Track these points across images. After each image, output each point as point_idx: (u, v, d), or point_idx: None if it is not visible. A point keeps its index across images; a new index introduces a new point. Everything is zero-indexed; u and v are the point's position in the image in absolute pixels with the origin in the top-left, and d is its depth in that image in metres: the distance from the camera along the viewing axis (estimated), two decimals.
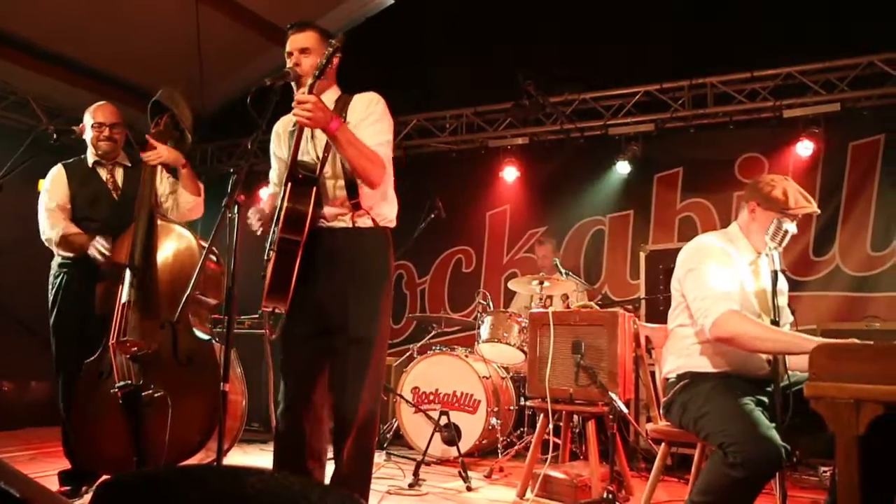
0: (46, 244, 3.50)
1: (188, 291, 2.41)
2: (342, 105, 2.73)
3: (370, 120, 2.69)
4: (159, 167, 3.50)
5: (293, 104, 2.48)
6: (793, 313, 2.89)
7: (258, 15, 6.58)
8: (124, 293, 3.23)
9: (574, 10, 6.21)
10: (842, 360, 1.85)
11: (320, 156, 2.67)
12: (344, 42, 2.54)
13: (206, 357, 3.14)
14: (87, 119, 3.59)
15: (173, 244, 3.34)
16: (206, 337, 3.25)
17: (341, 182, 2.66)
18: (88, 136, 3.58)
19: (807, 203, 2.68)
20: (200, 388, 3.08)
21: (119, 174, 3.63)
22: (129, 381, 3.08)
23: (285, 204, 2.55)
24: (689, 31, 5.94)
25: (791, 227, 2.52)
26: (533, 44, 6.36)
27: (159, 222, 3.38)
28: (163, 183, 3.62)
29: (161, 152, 3.43)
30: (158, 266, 3.30)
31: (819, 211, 2.74)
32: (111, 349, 3.19)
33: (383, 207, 2.74)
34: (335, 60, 2.67)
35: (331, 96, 2.74)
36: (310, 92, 2.53)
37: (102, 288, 3.34)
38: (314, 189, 2.59)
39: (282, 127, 2.90)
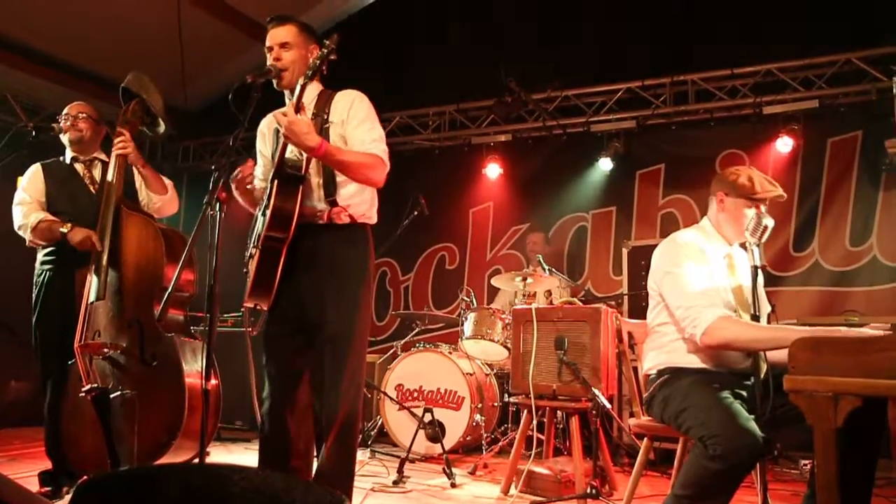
0: (20, 232, 3.43)
1: (170, 290, 2.40)
2: (325, 101, 2.72)
3: (358, 118, 2.67)
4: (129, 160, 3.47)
5: (276, 113, 2.47)
6: (773, 307, 2.92)
7: (240, 12, 6.54)
8: (92, 292, 3.21)
9: (556, 6, 6.23)
10: (820, 353, 1.87)
11: (304, 153, 2.65)
12: (339, 42, 2.52)
13: (169, 354, 3.11)
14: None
15: (137, 237, 3.28)
16: (179, 324, 3.22)
17: (320, 180, 2.65)
18: (62, 133, 3.55)
19: (772, 187, 2.71)
20: (164, 386, 3.05)
21: (97, 170, 3.59)
22: (95, 385, 3.05)
23: (272, 202, 2.52)
24: (669, 29, 5.98)
25: (769, 222, 2.54)
26: (515, 41, 6.37)
27: (125, 214, 3.32)
28: (138, 177, 3.59)
29: (127, 142, 3.36)
30: (124, 261, 3.26)
31: (785, 195, 2.77)
32: (76, 352, 3.16)
33: (361, 204, 2.72)
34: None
35: (313, 91, 2.72)
36: (301, 92, 2.53)
37: (81, 279, 3.30)
38: (301, 187, 2.57)
39: (266, 125, 2.88)
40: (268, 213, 2.53)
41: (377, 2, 7.06)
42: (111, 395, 3.03)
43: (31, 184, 3.50)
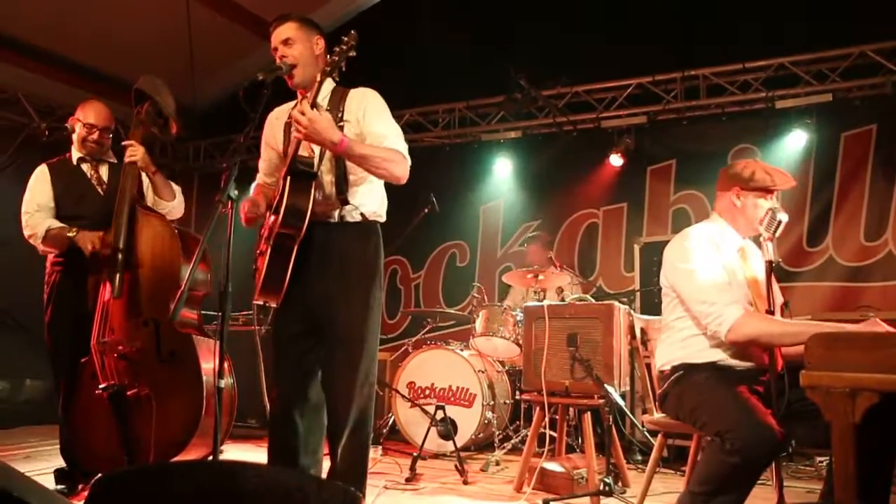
0: (30, 241, 3.46)
1: (183, 289, 2.40)
2: (338, 98, 2.71)
3: (375, 114, 2.67)
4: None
5: (293, 112, 2.47)
6: (787, 303, 2.90)
7: (249, 11, 6.55)
8: (107, 290, 3.22)
9: (566, 2, 6.20)
10: (837, 348, 1.86)
11: (316, 150, 2.65)
12: (357, 40, 2.51)
13: (187, 353, 3.12)
14: (80, 114, 3.56)
15: (153, 237, 3.30)
16: (193, 324, 3.24)
17: (332, 178, 2.65)
18: (77, 130, 3.54)
19: (786, 177, 2.72)
20: (182, 385, 3.06)
21: (104, 170, 3.60)
22: (113, 383, 3.07)
23: (285, 199, 2.52)
24: (680, 23, 5.94)
25: (783, 217, 2.52)
26: (525, 37, 6.35)
27: (140, 214, 3.33)
28: (146, 179, 3.60)
29: (137, 151, 3.38)
30: (140, 261, 3.27)
31: (795, 182, 2.76)
32: (93, 350, 3.18)
33: (372, 202, 2.72)
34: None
35: (326, 88, 2.72)
36: (318, 89, 2.53)
37: (93, 282, 3.32)
38: (314, 183, 2.57)
39: (276, 116, 2.88)
40: (280, 210, 2.52)
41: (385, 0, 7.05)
42: (127, 393, 3.04)
43: (38, 189, 3.49)
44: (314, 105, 2.53)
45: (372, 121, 2.64)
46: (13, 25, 5.95)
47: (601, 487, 3.35)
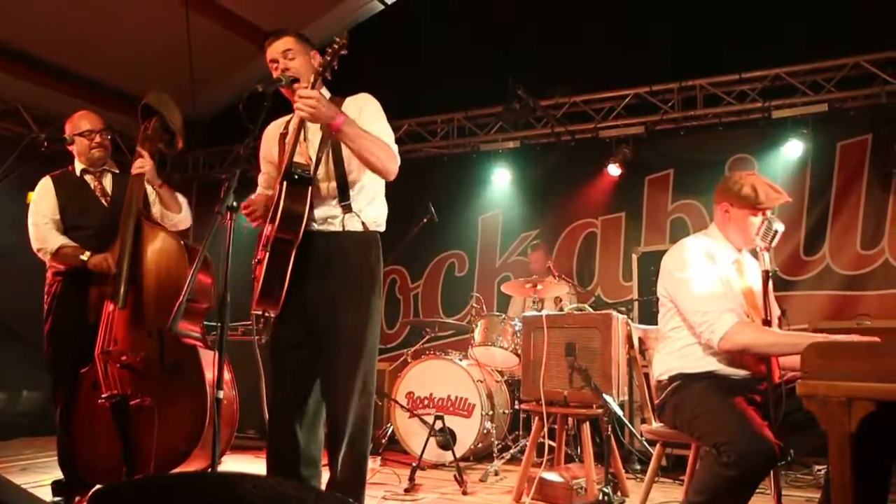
0: (38, 255, 3.47)
1: (181, 299, 2.40)
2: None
3: (371, 117, 2.68)
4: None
5: (295, 98, 2.48)
6: (784, 312, 2.91)
7: (248, 21, 6.58)
8: (111, 301, 3.22)
9: (563, 12, 6.24)
10: (833, 358, 1.86)
11: (314, 157, 2.66)
12: (348, 39, 2.54)
13: (191, 364, 3.12)
14: (72, 129, 3.55)
15: (159, 250, 3.31)
16: (196, 337, 3.23)
17: (333, 184, 2.65)
18: (77, 145, 3.55)
19: (777, 194, 2.71)
20: (185, 396, 3.06)
21: (107, 181, 3.60)
22: (116, 392, 3.07)
23: (281, 203, 2.53)
24: (677, 34, 5.97)
25: (780, 227, 2.53)
26: (523, 47, 6.38)
27: (146, 227, 3.34)
28: (153, 192, 3.61)
29: (145, 163, 3.41)
30: (145, 273, 3.28)
31: (790, 199, 2.77)
32: (96, 359, 3.18)
33: (373, 211, 2.74)
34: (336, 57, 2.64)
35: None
36: (313, 86, 2.54)
37: (95, 295, 3.32)
38: (310, 188, 2.58)
39: (272, 131, 2.89)
40: (277, 215, 2.53)
41: (385, 10, 7.08)
42: (130, 403, 3.04)
43: (43, 200, 3.49)
44: None
45: (368, 122, 2.66)
46: (13, 36, 5.97)
47: (600, 497, 3.35)
